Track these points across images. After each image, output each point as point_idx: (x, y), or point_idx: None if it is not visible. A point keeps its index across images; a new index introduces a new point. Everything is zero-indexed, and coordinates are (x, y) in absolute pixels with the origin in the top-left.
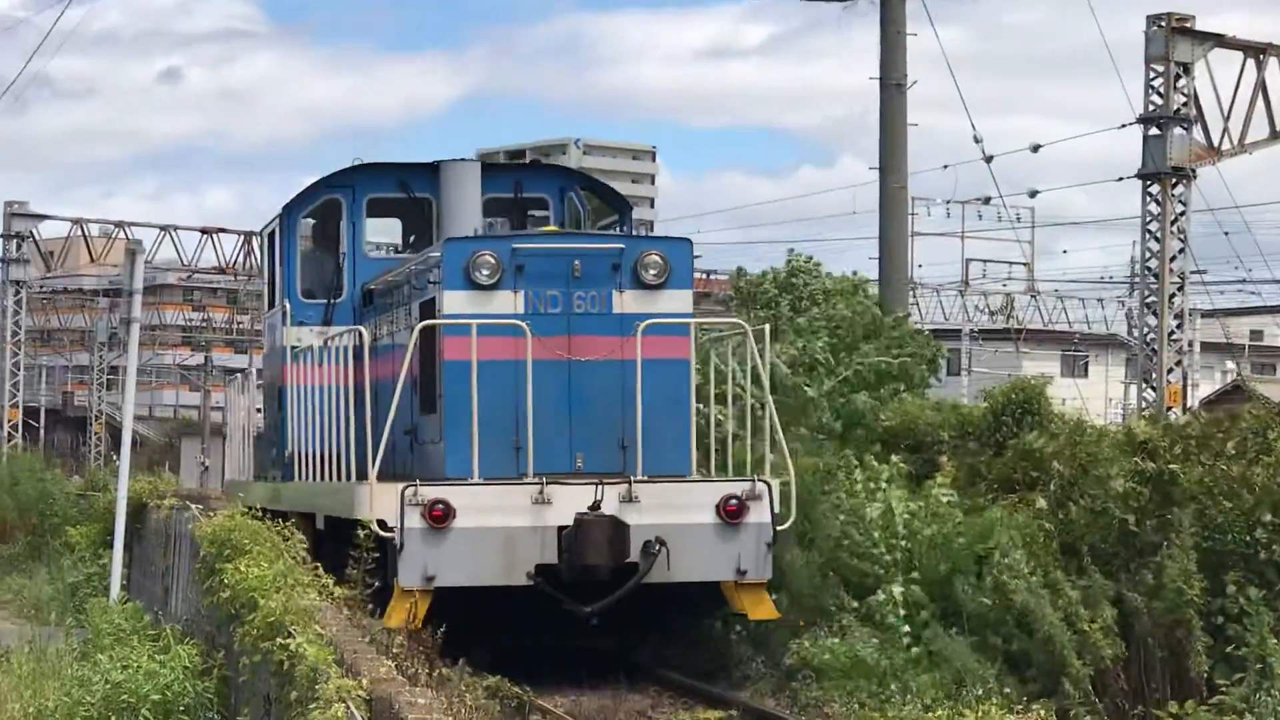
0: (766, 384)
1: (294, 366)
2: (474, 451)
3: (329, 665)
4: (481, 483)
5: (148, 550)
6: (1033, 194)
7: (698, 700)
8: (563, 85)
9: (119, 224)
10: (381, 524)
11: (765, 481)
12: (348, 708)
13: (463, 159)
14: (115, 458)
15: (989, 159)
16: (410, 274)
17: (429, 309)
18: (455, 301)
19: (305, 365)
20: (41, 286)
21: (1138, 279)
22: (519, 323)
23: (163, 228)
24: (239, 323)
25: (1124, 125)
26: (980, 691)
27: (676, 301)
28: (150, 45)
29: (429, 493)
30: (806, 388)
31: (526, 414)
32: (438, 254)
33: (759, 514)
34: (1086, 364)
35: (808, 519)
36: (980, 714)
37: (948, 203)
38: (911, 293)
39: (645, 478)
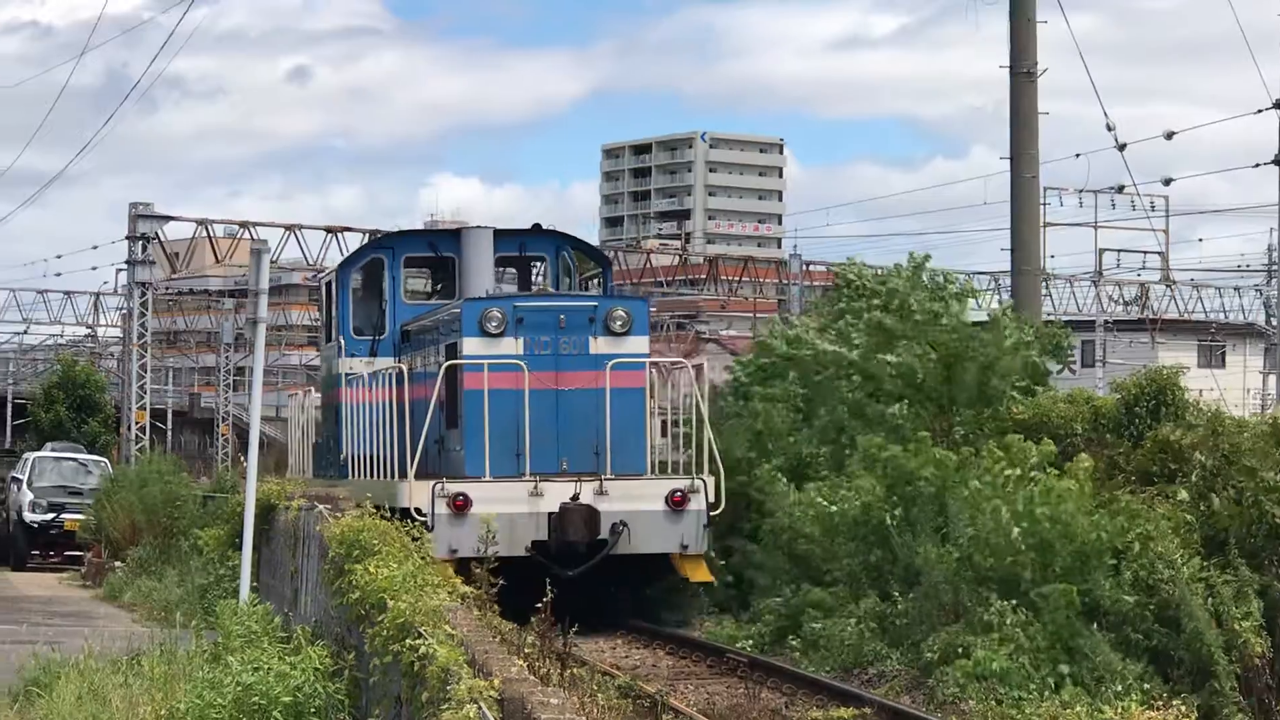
0: (705, 409)
1: (347, 390)
2: (486, 457)
3: (460, 666)
4: (491, 480)
5: (276, 551)
6: (1167, 182)
7: (831, 697)
8: (690, 79)
9: (244, 224)
10: (418, 510)
11: (702, 479)
12: (479, 708)
13: (479, 226)
14: (243, 459)
15: (1122, 147)
16: (439, 322)
17: (452, 350)
18: (472, 345)
19: (357, 389)
20: (167, 288)
21: (1276, 266)
22: (519, 361)
23: (288, 227)
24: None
25: (1260, 110)
26: (1120, 688)
27: (637, 345)
28: (275, 44)
29: (453, 487)
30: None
31: (525, 429)
32: (458, 310)
33: (697, 503)
34: (1224, 354)
35: (942, 513)
36: (1120, 710)
37: (1080, 192)
38: (1044, 284)
39: (613, 476)
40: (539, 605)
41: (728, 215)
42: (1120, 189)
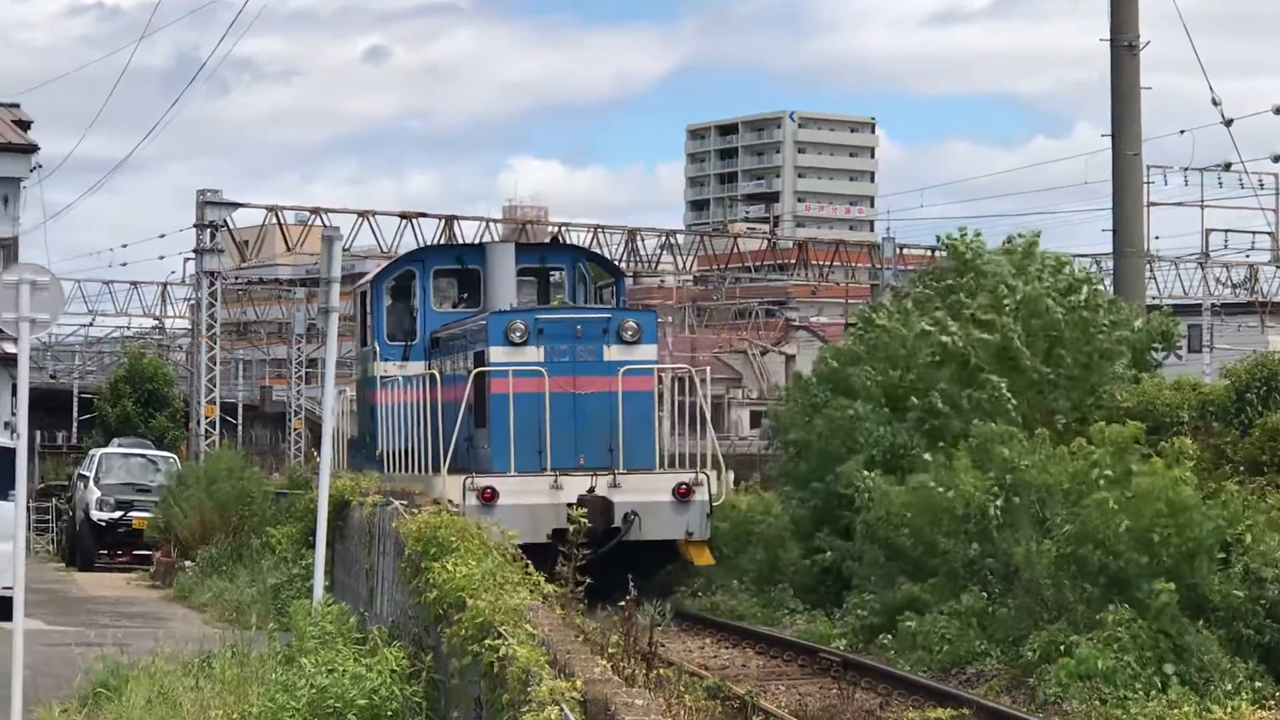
0: (708, 410)
1: (382, 391)
2: (511, 453)
3: (541, 667)
4: (516, 474)
5: (351, 549)
6: (1276, 158)
7: (928, 698)
8: (778, 55)
9: (315, 210)
10: (450, 502)
11: (706, 474)
12: (561, 710)
13: (502, 241)
14: (316, 454)
15: (1229, 123)
16: (468, 331)
17: (480, 358)
18: (498, 354)
19: (391, 390)
20: (236, 277)
21: None
22: (540, 368)
23: (361, 213)
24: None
25: None
26: (1229, 686)
27: (646, 352)
28: (348, 23)
29: (482, 481)
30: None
31: (546, 428)
32: (485, 322)
33: (701, 495)
34: None
35: (1042, 505)
36: (1229, 710)
37: (1185, 170)
38: (1148, 267)
39: (625, 470)
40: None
41: (818, 197)
42: (1227, 166)
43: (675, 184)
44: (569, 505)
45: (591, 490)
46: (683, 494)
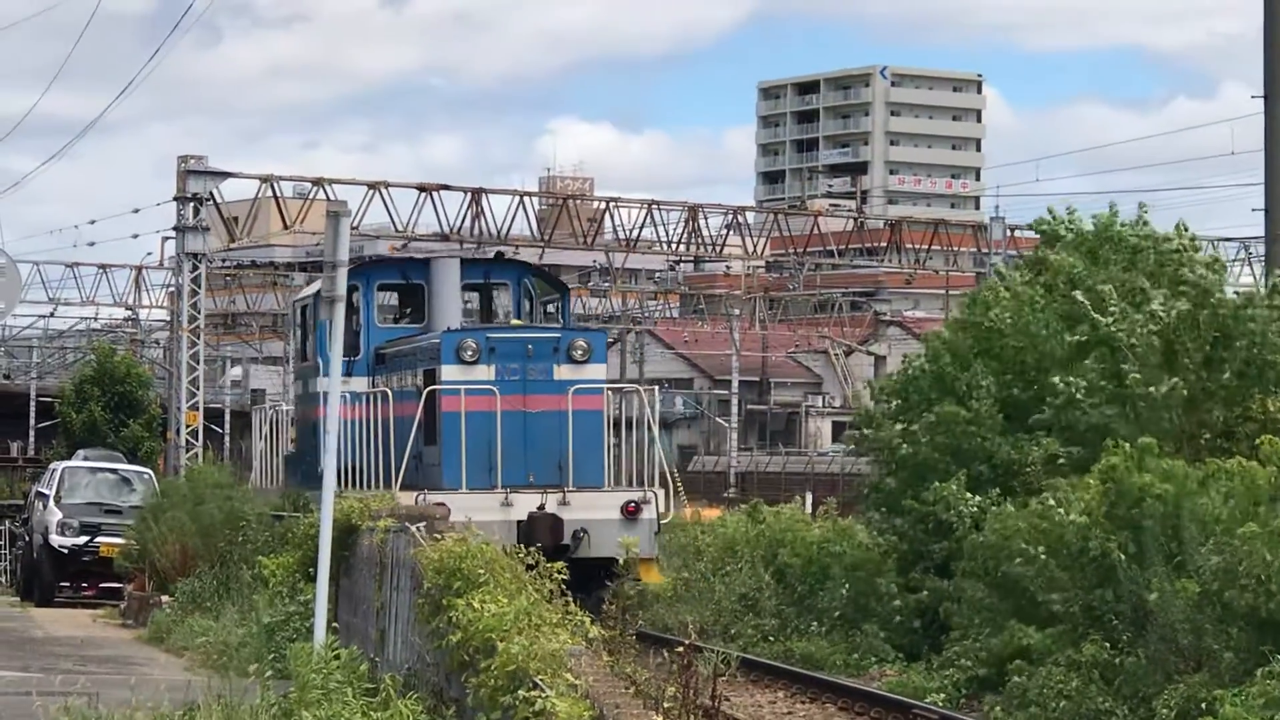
0: (656, 428)
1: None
2: (463, 470)
3: None
4: (467, 491)
5: (359, 583)
6: None
7: None
8: (868, 1)
9: (318, 181)
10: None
11: (653, 492)
12: None
13: (447, 255)
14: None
15: None
16: (418, 349)
17: (431, 375)
18: (450, 372)
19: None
20: (224, 260)
21: None
22: (491, 386)
23: (372, 185)
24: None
25: None
26: None
27: (596, 371)
28: None
29: (434, 497)
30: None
31: (497, 446)
32: (438, 340)
33: (649, 513)
34: None
35: (1176, 538)
36: None
37: None
38: None
39: (574, 488)
40: None
41: (913, 169)
42: None
43: (745, 153)
44: (519, 522)
45: (541, 507)
46: (631, 511)
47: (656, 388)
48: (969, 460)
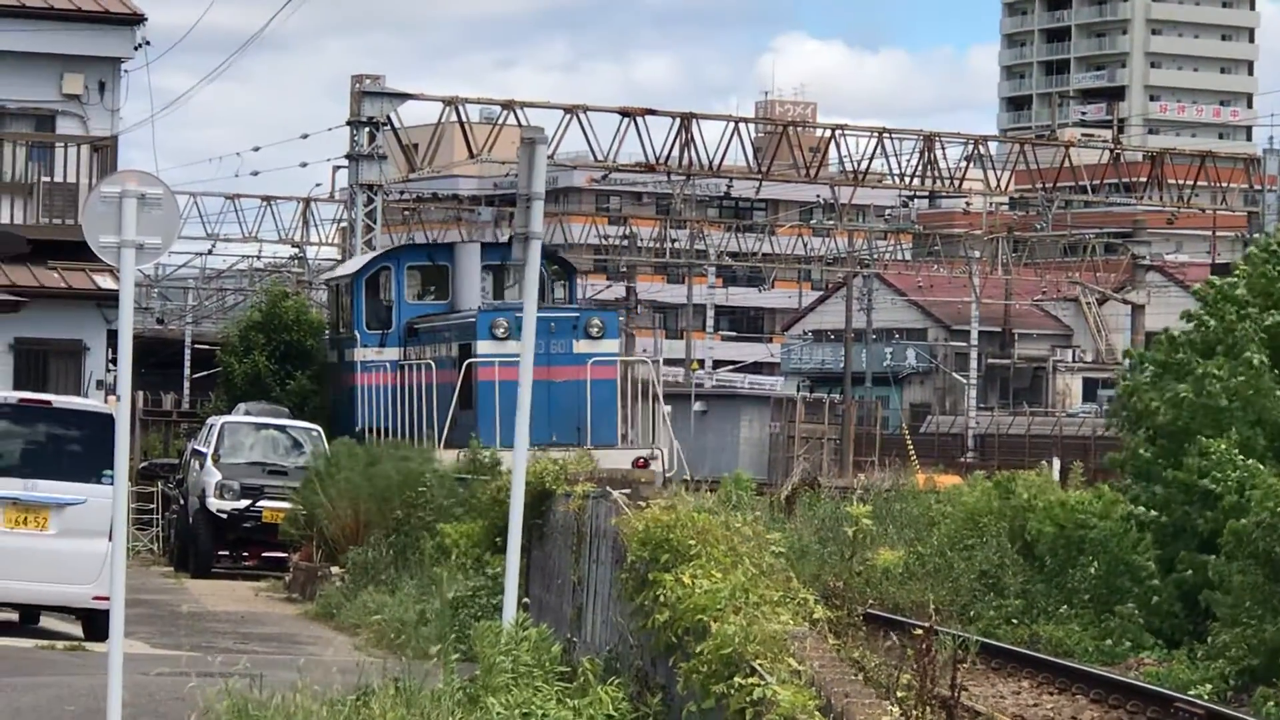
0: (659, 393)
1: (363, 374)
2: (497, 430)
3: (811, 714)
4: (501, 449)
5: (553, 555)
6: None
7: None
8: None
9: (508, 104)
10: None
11: (659, 449)
12: None
13: (469, 240)
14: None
15: None
16: (452, 325)
17: (466, 349)
18: (485, 346)
19: (374, 373)
20: (403, 192)
21: None
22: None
23: (569, 109)
24: (674, 240)
25: None
26: None
27: (610, 346)
28: None
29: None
30: None
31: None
32: (474, 318)
33: (656, 467)
34: None
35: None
36: None
37: None
38: None
39: (591, 446)
40: None
41: (1177, 94)
42: None
43: (988, 75)
44: None
45: None
46: (641, 465)
47: (661, 359)
48: (1239, 424)
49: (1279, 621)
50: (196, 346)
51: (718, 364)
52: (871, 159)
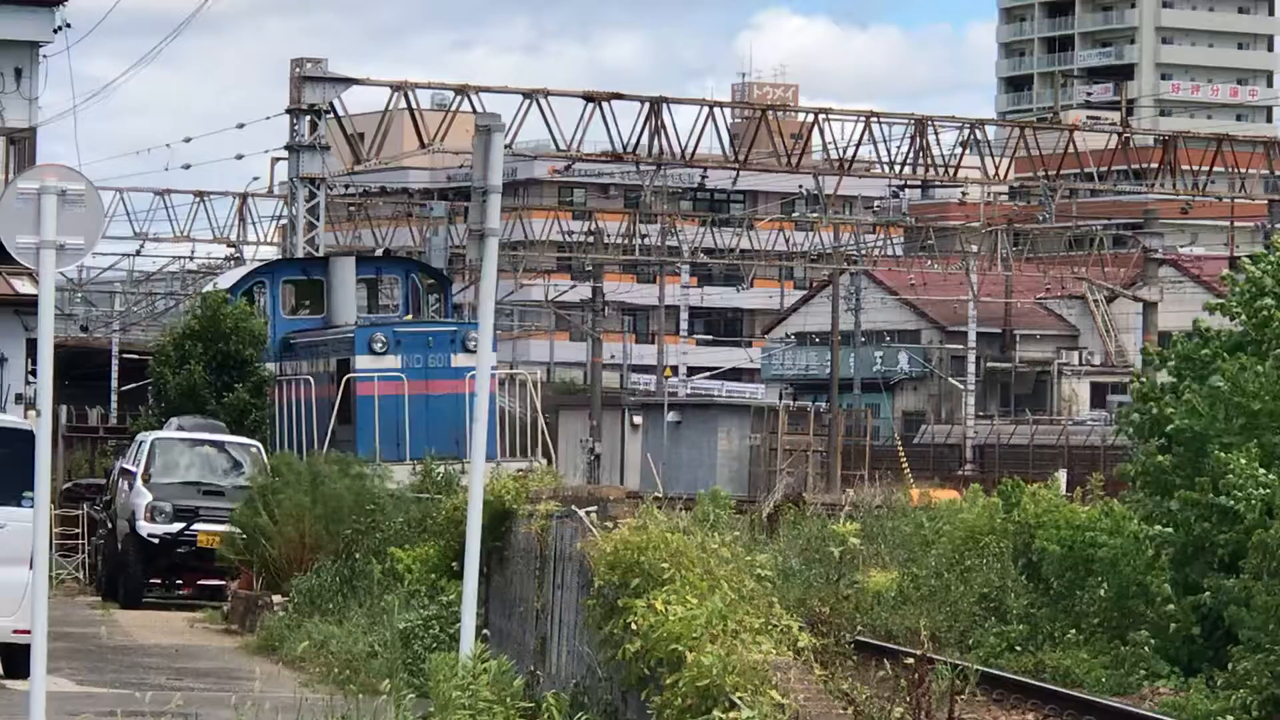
0: (539, 405)
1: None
2: (377, 445)
3: None
4: (383, 462)
5: (514, 580)
6: None
7: None
8: None
9: (462, 89)
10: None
11: (539, 461)
12: None
13: (343, 253)
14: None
15: None
16: (330, 340)
17: (344, 364)
18: (363, 361)
19: None
20: (349, 186)
21: None
22: (399, 373)
23: (528, 94)
24: (644, 236)
25: None
26: None
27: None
28: None
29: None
30: None
31: (405, 424)
32: (352, 334)
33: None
34: None
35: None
36: None
37: None
38: None
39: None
40: None
41: (1190, 73)
42: None
43: (985, 51)
44: None
45: None
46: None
47: (539, 370)
48: (1263, 431)
49: None
50: (125, 356)
51: (692, 370)
52: (859, 146)
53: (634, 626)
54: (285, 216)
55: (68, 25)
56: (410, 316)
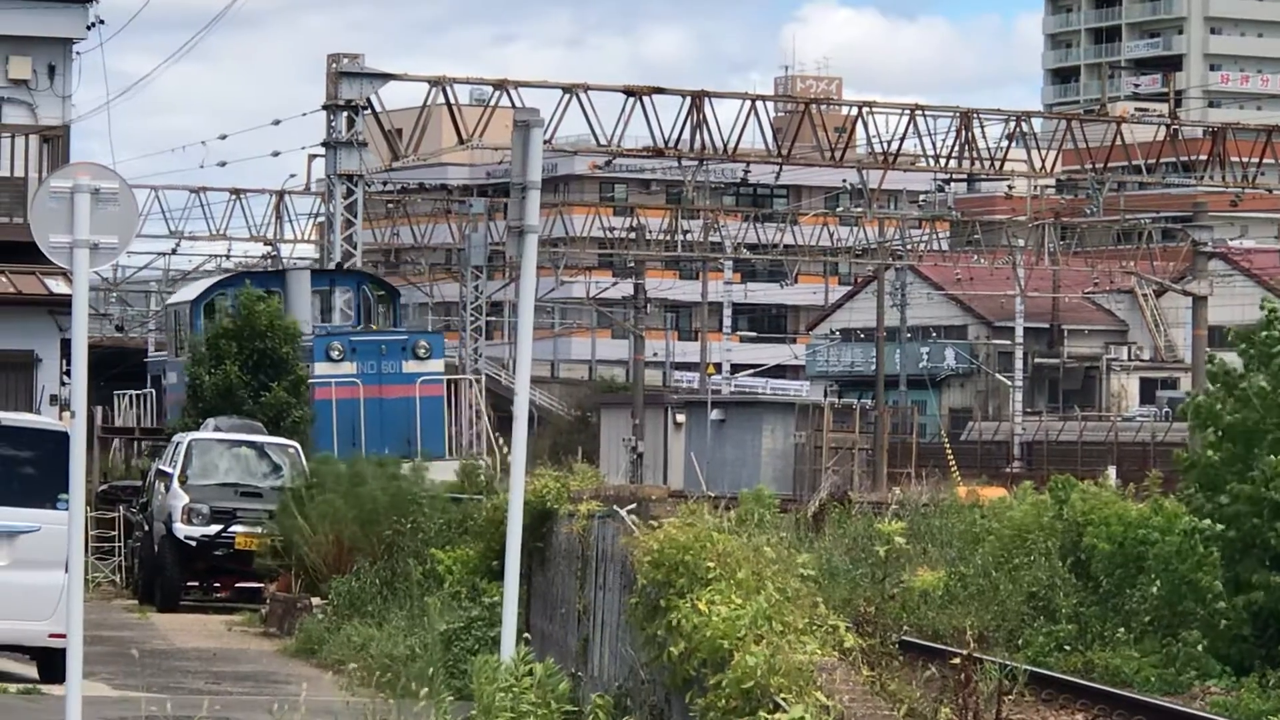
0: (483, 407)
1: None
2: (335, 446)
3: None
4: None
5: (555, 581)
6: None
7: None
8: None
9: (500, 84)
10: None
11: (485, 460)
12: None
13: (299, 267)
14: (503, 442)
15: None
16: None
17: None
18: (321, 368)
19: None
20: (386, 183)
21: None
22: (355, 379)
23: (567, 88)
24: (686, 232)
25: None
26: None
27: (437, 365)
28: None
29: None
30: None
31: (361, 426)
32: (310, 343)
33: (483, 475)
34: None
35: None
36: None
37: None
38: None
39: (422, 459)
40: None
41: (1240, 63)
42: None
43: (1034, 44)
44: None
45: None
46: None
47: (484, 375)
48: None
49: None
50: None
51: (736, 368)
52: (903, 139)
53: (678, 627)
54: (323, 214)
55: (101, 21)
56: (362, 326)
